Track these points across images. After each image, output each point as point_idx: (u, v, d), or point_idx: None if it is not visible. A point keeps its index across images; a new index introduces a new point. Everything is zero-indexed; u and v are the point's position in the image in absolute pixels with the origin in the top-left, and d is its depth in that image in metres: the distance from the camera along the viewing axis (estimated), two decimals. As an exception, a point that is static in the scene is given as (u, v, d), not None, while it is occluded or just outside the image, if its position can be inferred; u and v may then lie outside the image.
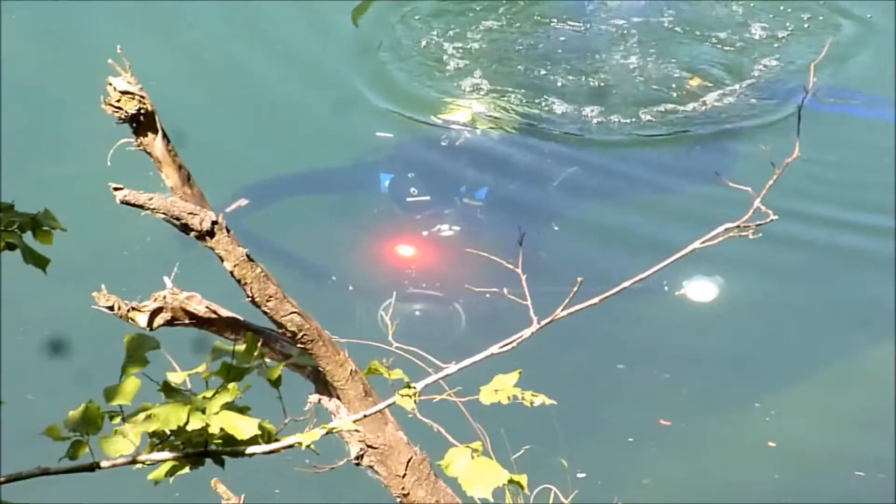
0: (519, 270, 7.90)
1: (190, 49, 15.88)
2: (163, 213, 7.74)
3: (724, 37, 16.46)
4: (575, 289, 7.64)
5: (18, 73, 11.69)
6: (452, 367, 7.10)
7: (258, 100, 14.69)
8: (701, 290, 12.38)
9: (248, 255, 8.17)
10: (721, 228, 7.76)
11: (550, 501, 8.63)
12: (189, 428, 5.35)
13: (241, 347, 6.45)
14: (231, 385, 5.64)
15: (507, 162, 11.69)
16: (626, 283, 7.83)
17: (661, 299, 11.52)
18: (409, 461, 8.14)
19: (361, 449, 8.09)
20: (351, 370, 8.08)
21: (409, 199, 12.27)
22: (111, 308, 8.24)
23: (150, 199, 7.81)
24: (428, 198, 10.81)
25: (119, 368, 6.18)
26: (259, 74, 14.53)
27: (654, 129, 14.52)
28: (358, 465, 8.12)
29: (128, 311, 8.15)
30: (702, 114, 14.59)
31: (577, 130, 13.49)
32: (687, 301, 11.76)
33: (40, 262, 6.13)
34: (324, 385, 8.19)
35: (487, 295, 8.07)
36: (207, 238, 7.94)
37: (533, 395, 6.67)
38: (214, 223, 7.87)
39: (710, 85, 15.54)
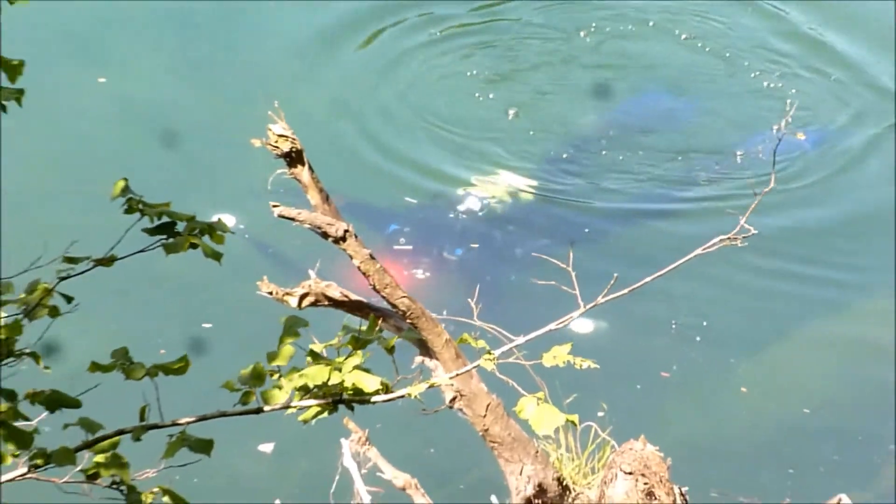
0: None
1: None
2: (308, 224, 7.64)
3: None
4: (611, 283, 7.13)
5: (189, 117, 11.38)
6: (521, 339, 6.55)
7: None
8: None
9: (370, 255, 7.91)
10: (717, 240, 7.51)
11: (591, 435, 8.41)
12: (329, 383, 5.19)
13: (366, 324, 5.76)
14: (358, 352, 5.30)
15: (491, 230, 11.43)
16: (647, 279, 7.40)
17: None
18: (488, 405, 7.83)
19: (454, 396, 7.84)
20: (446, 339, 7.82)
21: (395, 247, 11.74)
22: (270, 293, 8.21)
23: (299, 213, 7.74)
24: (411, 248, 10.60)
25: (263, 342, 5.76)
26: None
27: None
28: (451, 408, 7.82)
29: (283, 295, 8.08)
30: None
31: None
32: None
33: (216, 256, 5.71)
34: (425, 350, 7.94)
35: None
36: (341, 242, 7.74)
37: (582, 360, 6.55)
38: (346, 231, 7.69)
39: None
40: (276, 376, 5.21)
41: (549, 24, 13.58)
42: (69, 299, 5.10)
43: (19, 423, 4.76)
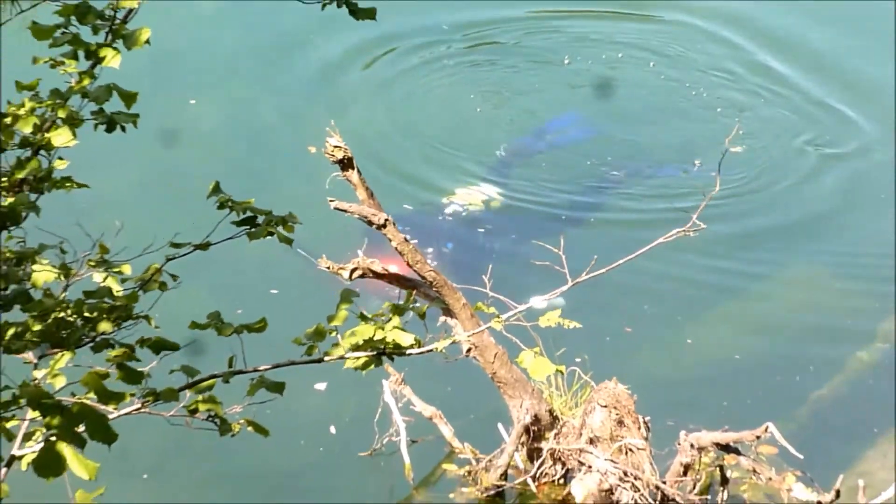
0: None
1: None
2: (357, 215, 7.76)
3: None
4: (592, 263, 7.42)
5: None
6: (523, 307, 6.75)
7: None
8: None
9: (405, 238, 8.04)
10: (674, 232, 7.70)
11: (575, 378, 8.40)
12: (375, 339, 5.26)
13: (404, 296, 6.29)
14: (396, 315, 5.34)
15: (472, 229, 11.12)
16: (620, 261, 7.61)
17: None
18: (496, 354, 7.95)
19: (469, 348, 7.90)
20: (463, 303, 7.96)
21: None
22: (328, 268, 8.31)
23: (351, 206, 7.87)
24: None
25: (320, 306, 5.80)
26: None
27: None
28: (467, 356, 7.90)
29: (337, 269, 8.22)
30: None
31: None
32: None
33: (287, 241, 5.74)
34: (448, 312, 8.01)
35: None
36: (382, 228, 7.84)
37: (568, 322, 6.72)
38: (387, 220, 7.82)
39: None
40: (333, 334, 5.23)
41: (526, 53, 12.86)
42: (174, 277, 5.15)
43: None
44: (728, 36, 14.57)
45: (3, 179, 5.09)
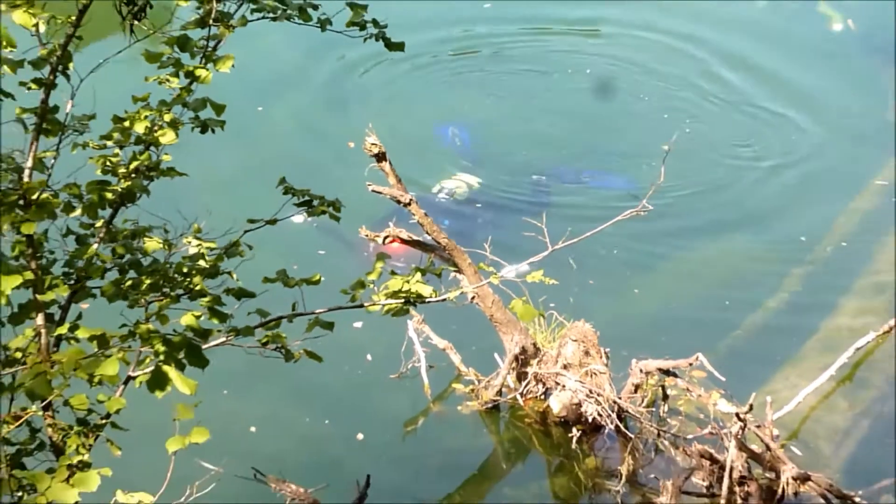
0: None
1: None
2: (389, 195, 7.84)
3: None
4: (568, 231, 7.63)
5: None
6: (512, 268, 7.71)
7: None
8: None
9: (424, 213, 8.10)
10: (628, 212, 7.88)
11: (553, 319, 8.78)
12: (403, 290, 5.37)
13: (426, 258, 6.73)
14: (418, 273, 5.45)
15: (463, 207, 10.79)
16: (587, 234, 7.78)
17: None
18: (493, 301, 8.05)
19: (473, 296, 8.02)
20: (468, 262, 7.99)
21: (410, 221, 10.88)
22: (366, 235, 8.40)
23: (384, 189, 7.97)
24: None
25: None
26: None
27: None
28: (471, 303, 8.03)
29: (374, 236, 8.29)
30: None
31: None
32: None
33: (336, 218, 5.57)
34: (457, 270, 8.06)
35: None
36: (408, 206, 7.95)
37: (549, 280, 6.72)
38: (411, 199, 7.94)
39: None
40: (371, 286, 5.37)
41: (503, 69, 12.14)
42: (250, 247, 5.19)
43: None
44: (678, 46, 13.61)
45: (122, 168, 5.09)
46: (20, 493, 4.17)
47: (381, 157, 8.02)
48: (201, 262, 5.12)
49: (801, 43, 13.37)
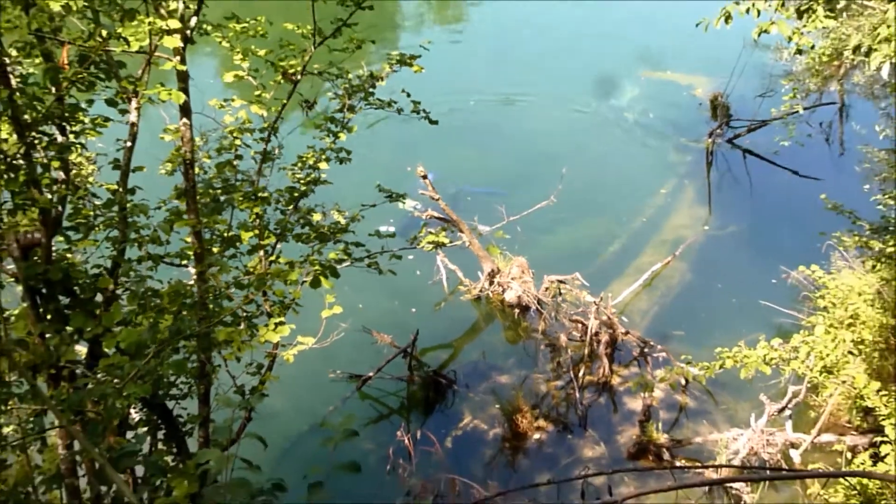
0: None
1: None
2: (429, 195, 8.81)
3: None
4: (528, 212, 8.70)
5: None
6: (488, 229, 8.08)
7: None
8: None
9: (446, 204, 9.08)
10: (541, 203, 9.01)
11: (507, 255, 9.26)
12: (435, 239, 6.11)
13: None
14: (442, 231, 6.20)
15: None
16: (531, 209, 8.52)
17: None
18: (478, 246, 9.20)
19: (470, 242, 9.07)
20: (465, 226, 9.11)
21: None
22: (424, 176, 8.96)
23: (430, 189, 8.75)
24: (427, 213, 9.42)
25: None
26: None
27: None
28: (468, 247, 9.08)
29: (423, 175, 8.52)
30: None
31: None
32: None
33: (400, 200, 6.03)
34: (460, 230, 9.13)
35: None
36: (436, 200, 9.01)
37: (503, 234, 8.14)
38: (438, 198, 8.98)
39: None
40: (422, 233, 6.05)
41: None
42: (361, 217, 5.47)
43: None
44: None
45: (302, 180, 5.38)
46: (251, 334, 4.34)
47: (424, 176, 8.99)
48: (341, 222, 5.42)
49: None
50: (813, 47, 4.83)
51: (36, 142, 3.99)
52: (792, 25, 4.87)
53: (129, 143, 4.51)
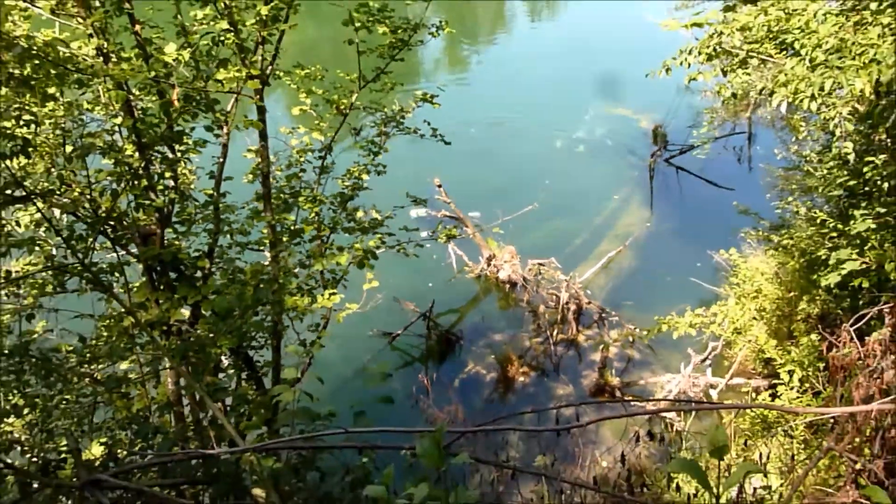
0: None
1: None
2: (443, 193, 8.22)
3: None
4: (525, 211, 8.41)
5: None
6: (487, 226, 7.75)
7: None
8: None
9: (454, 205, 8.83)
10: (526, 208, 8.77)
11: (500, 244, 8.79)
12: (448, 232, 5.89)
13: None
14: (455, 229, 6.01)
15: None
16: (528, 209, 8.15)
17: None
18: (479, 237, 8.95)
19: (474, 233, 8.85)
20: (469, 223, 8.84)
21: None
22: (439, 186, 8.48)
23: (443, 194, 8.49)
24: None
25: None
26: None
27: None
28: (472, 237, 8.85)
29: (438, 184, 8.26)
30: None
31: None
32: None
33: (424, 204, 5.71)
34: (466, 226, 8.98)
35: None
36: (448, 203, 8.77)
37: (498, 229, 7.67)
38: (450, 201, 8.73)
39: None
40: (439, 227, 5.83)
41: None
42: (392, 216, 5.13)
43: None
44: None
45: (348, 178, 4.99)
46: (311, 301, 4.13)
47: (439, 185, 8.81)
48: (378, 218, 5.20)
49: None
50: (735, 96, 4.98)
51: (153, 158, 4.14)
52: (718, 82, 4.99)
53: (221, 160, 4.62)
